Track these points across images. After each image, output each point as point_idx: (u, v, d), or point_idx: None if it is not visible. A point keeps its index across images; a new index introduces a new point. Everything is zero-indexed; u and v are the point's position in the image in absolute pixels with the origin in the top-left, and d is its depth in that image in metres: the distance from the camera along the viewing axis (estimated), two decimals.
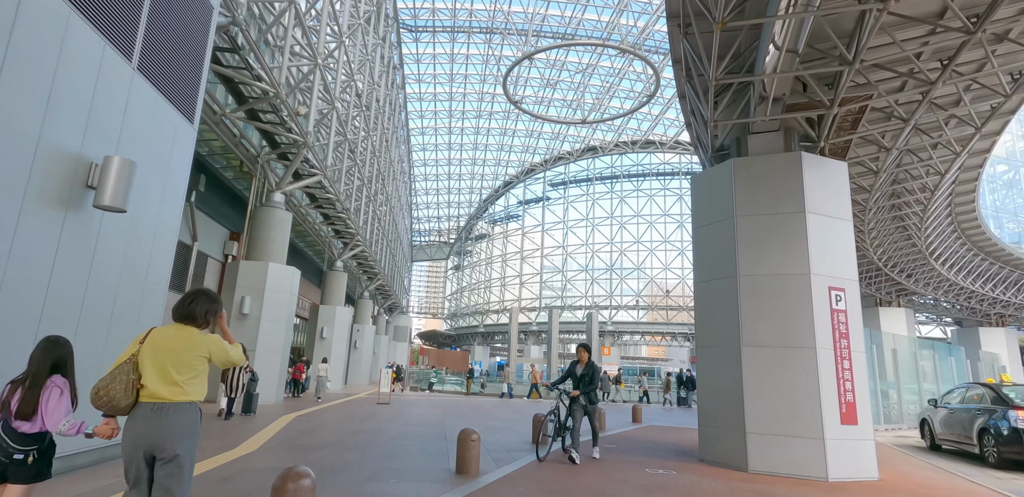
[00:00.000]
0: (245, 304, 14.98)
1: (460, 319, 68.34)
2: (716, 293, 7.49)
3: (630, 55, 42.86)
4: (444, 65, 45.06)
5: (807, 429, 6.45)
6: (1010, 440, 8.19)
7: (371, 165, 30.30)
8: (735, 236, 7.23)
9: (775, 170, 7.25)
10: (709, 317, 7.61)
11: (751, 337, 6.91)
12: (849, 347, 6.82)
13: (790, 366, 6.69)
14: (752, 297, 7.02)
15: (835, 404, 6.55)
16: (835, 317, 6.84)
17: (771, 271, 7.00)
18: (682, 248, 54.85)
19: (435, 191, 65.92)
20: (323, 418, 11.68)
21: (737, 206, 7.29)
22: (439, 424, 11.23)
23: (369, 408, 15.20)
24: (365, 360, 35.13)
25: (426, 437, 9.02)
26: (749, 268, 7.10)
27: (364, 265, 33.02)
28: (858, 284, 7.19)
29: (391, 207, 39.82)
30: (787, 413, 6.57)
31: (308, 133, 16.04)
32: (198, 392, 2.80)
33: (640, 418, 13.82)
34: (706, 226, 7.83)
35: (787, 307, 6.86)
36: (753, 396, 6.75)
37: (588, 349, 7.32)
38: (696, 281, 7.89)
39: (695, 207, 8.13)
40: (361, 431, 9.50)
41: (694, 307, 7.98)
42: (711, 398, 7.41)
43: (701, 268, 7.88)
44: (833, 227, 7.16)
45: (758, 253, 7.10)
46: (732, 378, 6.98)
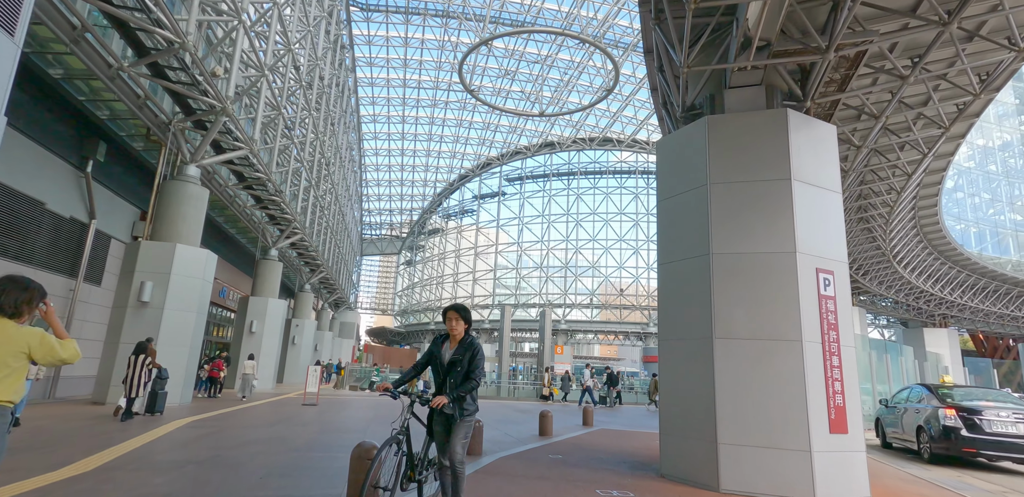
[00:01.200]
0: (145, 291, 13.04)
1: (411, 316, 66.30)
2: (684, 275, 6.26)
3: (590, 48, 42.00)
4: (398, 49, 43.14)
5: (791, 439, 5.28)
6: (940, 437, 8.93)
7: (313, 147, 28.27)
8: (708, 207, 6.02)
9: (756, 130, 6.07)
10: (675, 304, 6.38)
11: (726, 328, 5.71)
12: (838, 340, 5.70)
13: (771, 363, 5.52)
14: (727, 280, 5.82)
15: (823, 409, 5.41)
16: (823, 304, 5.71)
17: (750, 248, 5.82)
18: (636, 247, 54.56)
19: (387, 183, 63.68)
20: (224, 423, 9.98)
21: (711, 172, 6.08)
22: (361, 430, 9.70)
23: (290, 410, 13.49)
24: (305, 357, 33.01)
25: (337, 448, 7.50)
26: (724, 245, 5.90)
27: (305, 255, 30.91)
28: (848, 267, 6.09)
29: (337, 196, 37.71)
30: (767, 420, 5.40)
31: (227, 98, 14.17)
32: (8, 392, 2.50)
33: (591, 421, 12.62)
34: (673, 197, 6.60)
35: (768, 292, 5.69)
36: (727, 399, 5.54)
37: (464, 316, 4.19)
38: (660, 262, 6.65)
39: (661, 176, 6.89)
40: (259, 440, 7.89)
41: (657, 292, 6.74)
42: (675, 401, 6.18)
43: (666, 246, 6.64)
44: (822, 199, 6.04)
45: (735, 227, 5.91)
46: (702, 377, 5.77)
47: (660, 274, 6.62)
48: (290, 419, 11.13)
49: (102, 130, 14.47)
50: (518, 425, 11.76)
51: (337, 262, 42.01)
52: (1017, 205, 33.06)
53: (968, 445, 8.67)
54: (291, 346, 32.64)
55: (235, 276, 28.45)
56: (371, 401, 18.38)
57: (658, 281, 6.62)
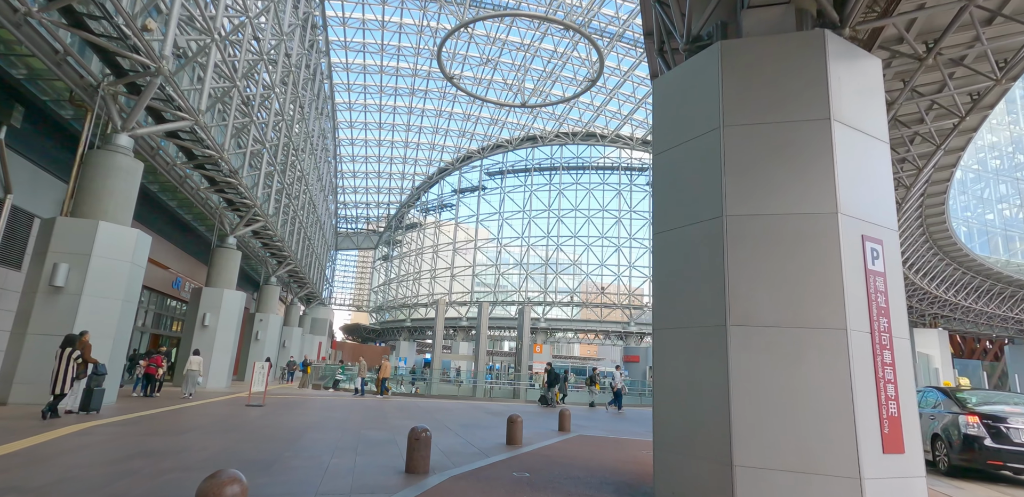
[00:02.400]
0: (58, 274, 11.31)
1: (386, 312, 64.44)
2: (688, 245, 4.86)
3: (574, 38, 40.67)
4: (374, 33, 41.33)
5: (834, 462, 3.91)
6: (962, 447, 8.00)
7: (278, 130, 26.48)
8: (721, 157, 4.62)
9: (785, 57, 4.69)
10: (675, 282, 4.97)
11: (744, 312, 4.32)
12: (890, 329, 4.35)
13: (805, 358, 4.14)
14: (746, 250, 4.43)
15: (874, 420, 4.04)
16: (870, 282, 4.35)
17: (776, 209, 4.44)
18: (619, 245, 53.49)
19: (364, 175, 61.71)
20: (133, 428, 8.37)
21: (725, 112, 4.68)
22: (290, 441, 8.15)
23: (228, 411, 11.87)
24: (269, 354, 31.14)
25: (244, 469, 5.97)
26: (742, 205, 4.51)
27: (270, 246, 29.09)
28: (898, 237, 4.74)
29: (307, 184, 35.86)
30: (801, 435, 4.02)
31: (163, 58, 12.48)
32: None
33: (568, 426, 11.20)
34: (675, 148, 5.18)
35: (801, 265, 4.32)
36: (746, 406, 4.15)
37: None
38: (657, 230, 5.23)
39: (659, 123, 5.48)
40: (151, 453, 6.32)
41: (652, 268, 5.32)
42: (674, 407, 4.76)
43: (665, 210, 5.23)
44: (868, 147, 4.68)
45: (756, 182, 4.53)
46: (711, 376, 4.37)
47: (656, 245, 5.20)
48: (218, 423, 9.54)
49: (18, 91, 12.69)
50: (485, 431, 10.31)
51: (307, 255, 40.15)
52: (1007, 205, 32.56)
53: (993, 457, 7.73)
54: (254, 342, 30.81)
55: (192, 266, 26.53)
56: (326, 402, 16.78)
57: (653, 254, 5.22)
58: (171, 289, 24.38)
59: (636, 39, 40.81)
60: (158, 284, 23.02)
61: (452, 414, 14.06)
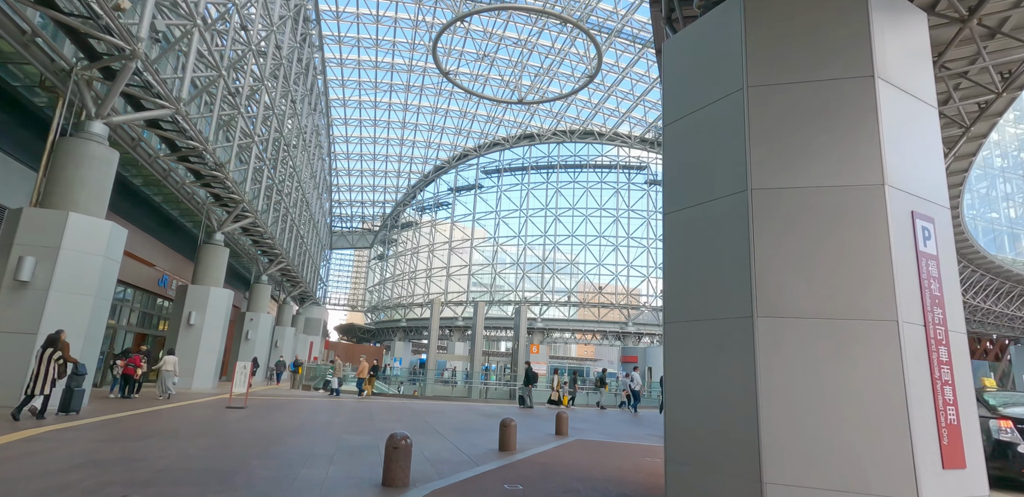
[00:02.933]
0: (24, 268, 10.60)
1: (381, 312, 63.69)
2: (705, 226, 4.21)
3: (571, 34, 40.06)
4: (369, 27, 40.64)
5: (886, 479, 3.26)
6: (993, 454, 7.33)
7: (268, 123, 25.81)
8: (745, 122, 3.98)
9: (820, 5, 4.05)
10: (690, 268, 4.32)
11: (774, 301, 3.68)
12: (945, 322, 3.71)
13: (849, 355, 3.50)
14: (776, 229, 3.79)
15: (932, 430, 3.40)
16: (922, 266, 3.72)
17: (810, 181, 3.80)
18: (616, 244, 52.91)
19: (359, 172, 60.96)
20: (93, 433, 7.68)
21: (750, 70, 4.03)
22: (265, 447, 7.47)
23: (205, 414, 11.19)
24: (259, 354, 30.45)
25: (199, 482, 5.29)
26: (770, 177, 3.87)
27: (261, 243, 28.36)
28: (950, 215, 4.10)
29: (300, 181, 35.17)
30: (845, 447, 3.37)
31: (138, 40, 11.80)
32: None
33: (565, 430, 10.54)
34: (690, 115, 4.54)
35: (842, 246, 3.68)
36: (778, 412, 3.50)
37: None
38: (667, 210, 4.59)
39: (668, 90, 4.83)
40: (95, 463, 5.65)
41: (663, 253, 4.66)
42: (689, 414, 4.11)
43: (677, 187, 4.58)
44: (916, 112, 4.05)
45: (787, 150, 3.88)
46: (734, 378, 3.72)
47: (667, 228, 4.56)
48: (189, 427, 8.86)
49: None
50: (477, 435, 9.64)
51: (300, 253, 39.44)
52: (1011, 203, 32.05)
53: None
54: (244, 341, 30.09)
55: (180, 264, 25.79)
56: (312, 403, 16.09)
57: (664, 238, 4.57)
58: (157, 287, 23.65)
59: (635, 34, 40.24)
60: (144, 282, 22.30)
61: (444, 416, 13.40)
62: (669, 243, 4.52)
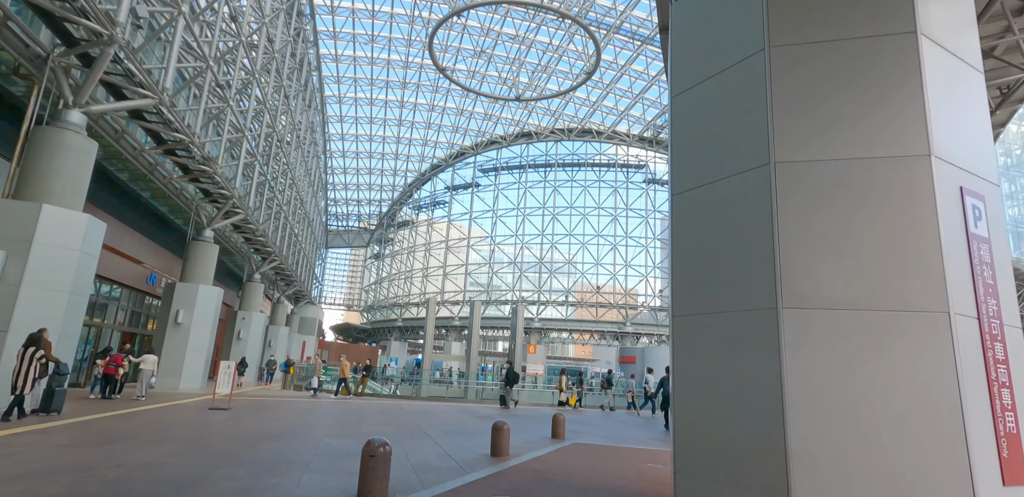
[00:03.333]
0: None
1: (377, 312, 63.13)
2: (720, 206, 3.71)
3: (570, 30, 39.59)
4: (364, 23, 40.10)
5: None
6: None
7: (259, 118, 25.30)
8: (766, 88, 3.48)
9: None
10: (701, 255, 3.82)
11: (802, 290, 3.18)
12: (1000, 315, 3.22)
13: (891, 352, 3.00)
14: (803, 207, 3.30)
15: (989, 439, 2.91)
16: (974, 250, 3.23)
17: (845, 152, 3.30)
18: (614, 243, 52.44)
19: (355, 171, 60.40)
20: (42, 439, 7.14)
21: (772, 28, 3.54)
22: (236, 453, 6.96)
23: (183, 416, 10.66)
24: (251, 353, 29.93)
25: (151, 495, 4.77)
26: (797, 148, 3.37)
27: (253, 241, 27.80)
28: (1000, 193, 3.61)
29: (294, 178, 34.61)
30: (889, 459, 2.87)
31: (116, 24, 11.27)
32: None
33: (562, 433, 10.04)
34: (700, 84, 4.04)
35: (881, 226, 3.18)
36: (808, 418, 3.01)
37: None
38: (676, 191, 4.09)
39: (678, 55, 4.33)
40: (34, 474, 5.13)
41: (671, 238, 4.15)
42: (702, 420, 3.61)
43: (686, 164, 4.08)
44: (963, 77, 3.56)
45: (816, 118, 3.39)
46: (756, 378, 3.22)
47: (676, 210, 4.06)
48: (161, 431, 8.33)
49: None
50: (469, 439, 9.14)
51: (295, 252, 38.89)
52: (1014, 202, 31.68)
53: None
54: (236, 341, 29.57)
55: (169, 261, 25.23)
56: (301, 404, 15.55)
57: (672, 221, 4.07)
58: (145, 285, 23.08)
59: (634, 31, 39.79)
60: (132, 280, 21.76)
61: (436, 418, 12.89)
62: (678, 227, 4.02)
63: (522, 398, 26.18)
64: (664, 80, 43.63)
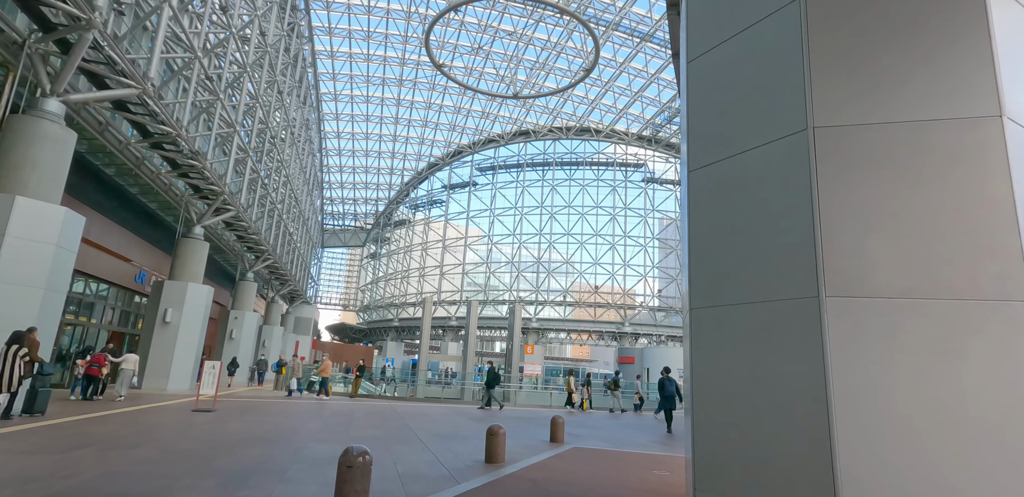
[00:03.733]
0: None
1: (373, 312, 62.56)
2: (746, 180, 3.21)
3: (568, 26, 39.14)
4: (360, 19, 39.59)
5: None
6: None
7: (251, 113, 24.79)
8: (802, 43, 2.99)
9: None
10: (722, 239, 3.32)
11: (849, 275, 2.69)
12: None
13: (962, 351, 2.51)
14: (848, 179, 2.80)
15: None
16: None
17: (898, 114, 2.81)
18: (613, 243, 51.99)
19: (351, 169, 59.85)
20: (3, 447, 6.62)
21: None
22: (208, 461, 6.44)
23: (163, 419, 10.13)
24: (244, 353, 29.37)
25: None
26: (839, 111, 2.88)
27: (246, 239, 27.25)
28: None
29: (288, 175, 34.08)
30: (962, 483, 2.38)
31: (95, 8, 10.76)
32: None
33: (561, 437, 9.54)
34: (721, 45, 3.54)
35: (943, 199, 2.69)
36: (860, 430, 2.51)
37: None
38: (692, 168, 3.59)
39: (694, 16, 3.84)
40: None
41: (687, 221, 3.63)
42: (725, 430, 3.10)
43: (704, 136, 3.58)
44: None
45: (862, 76, 2.89)
46: (794, 380, 2.73)
47: (691, 189, 3.56)
48: (134, 435, 7.80)
49: None
50: (462, 443, 8.63)
51: (289, 251, 38.36)
52: None
53: None
54: (228, 340, 29.01)
55: (159, 259, 24.68)
56: (290, 406, 15.03)
57: (687, 201, 3.57)
58: (134, 283, 22.53)
59: (633, 27, 39.38)
60: (120, 278, 21.22)
61: (429, 420, 12.38)
62: (695, 208, 3.53)
63: (519, 399, 25.72)
64: (663, 77, 43.09)
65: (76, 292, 18.67)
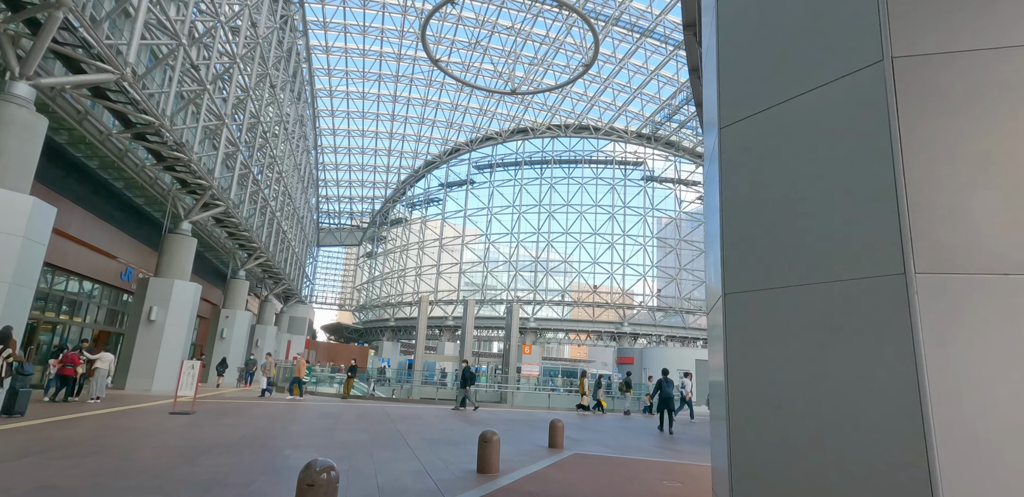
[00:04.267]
0: None
1: (370, 311, 61.86)
2: (801, 131, 2.56)
3: (567, 21, 38.53)
4: (355, 13, 38.93)
5: None
6: None
7: (242, 106, 24.13)
8: None
9: None
10: (767, 206, 2.66)
11: (948, 245, 2.04)
12: None
13: None
14: (940, 121, 2.17)
15: None
16: None
17: (1002, 39, 2.17)
18: (612, 242, 51.37)
19: (347, 167, 59.14)
20: None
21: None
22: (166, 471, 5.77)
23: (134, 423, 9.46)
24: (235, 353, 28.72)
25: None
26: (925, 37, 2.24)
27: (237, 235, 26.56)
28: None
29: (281, 172, 33.41)
30: None
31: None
32: None
33: (560, 442, 8.89)
34: None
35: None
36: (968, 447, 1.87)
37: None
38: (724, 122, 2.94)
39: None
40: None
41: (720, 188, 2.96)
42: (777, 441, 2.46)
43: (742, 82, 2.93)
44: None
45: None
46: (875, 383, 2.08)
47: (725, 146, 2.91)
48: (94, 441, 7.13)
49: None
50: (454, 449, 7.97)
51: (283, 249, 37.68)
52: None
53: None
54: (219, 340, 28.36)
55: (146, 256, 23.97)
56: (274, 407, 14.35)
57: (719, 164, 2.92)
58: (120, 281, 21.85)
59: (633, 23, 38.78)
60: (106, 276, 20.55)
61: (421, 423, 11.72)
62: (729, 171, 2.88)
63: (517, 400, 25.06)
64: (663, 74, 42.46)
65: (58, 290, 17.99)
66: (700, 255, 50.70)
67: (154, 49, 18.97)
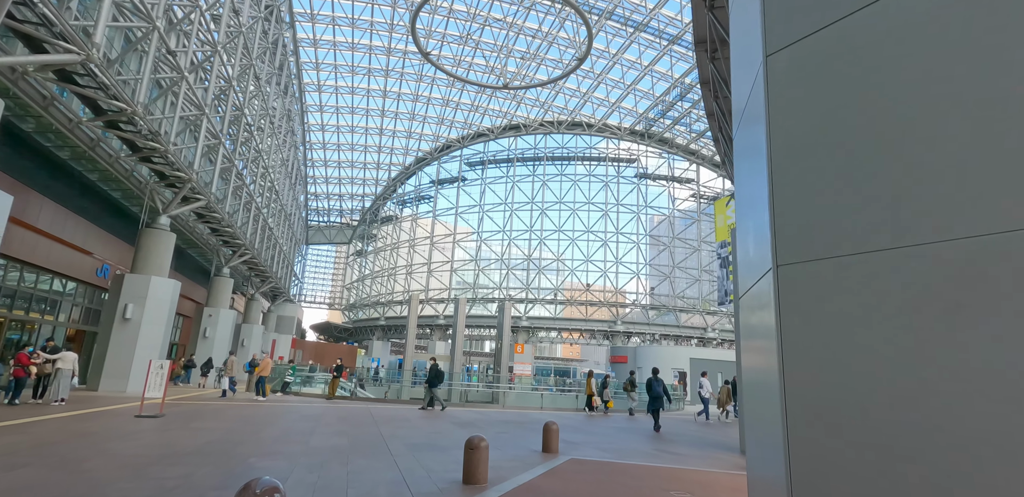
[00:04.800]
0: None
1: (359, 310, 60.98)
2: (889, 46, 1.91)
3: (560, 15, 37.87)
4: (344, 5, 38.10)
5: None
6: None
7: (224, 97, 23.30)
8: None
9: None
10: (843, 148, 2.00)
11: None
12: None
13: None
14: None
15: None
16: None
17: None
18: (605, 240, 50.82)
19: (336, 164, 58.21)
20: None
21: None
22: (106, 484, 5.05)
23: (95, 427, 8.70)
24: (219, 353, 27.85)
25: None
26: None
27: (220, 232, 25.73)
28: None
29: (267, 166, 32.55)
30: None
31: None
32: None
33: (555, 446, 8.23)
34: None
35: None
36: None
37: None
38: (774, 47, 2.29)
39: None
40: None
41: (764, 129, 2.31)
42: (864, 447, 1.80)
43: None
44: None
45: None
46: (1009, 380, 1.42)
47: (774, 75, 2.27)
48: (42, 448, 6.39)
49: None
50: (439, 455, 7.30)
51: (270, 246, 36.82)
52: None
53: None
54: (202, 339, 27.52)
55: (124, 253, 23.09)
56: (252, 409, 13.60)
57: (765, 94, 2.27)
58: (96, 278, 20.99)
59: (626, 17, 38.19)
60: (81, 272, 19.71)
61: (407, 426, 11.04)
62: (782, 106, 2.21)
63: (509, 400, 24.40)
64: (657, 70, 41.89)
65: (27, 286, 17.16)
66: (694, 253, 50.24)
67: (129, 34, 18.15)
